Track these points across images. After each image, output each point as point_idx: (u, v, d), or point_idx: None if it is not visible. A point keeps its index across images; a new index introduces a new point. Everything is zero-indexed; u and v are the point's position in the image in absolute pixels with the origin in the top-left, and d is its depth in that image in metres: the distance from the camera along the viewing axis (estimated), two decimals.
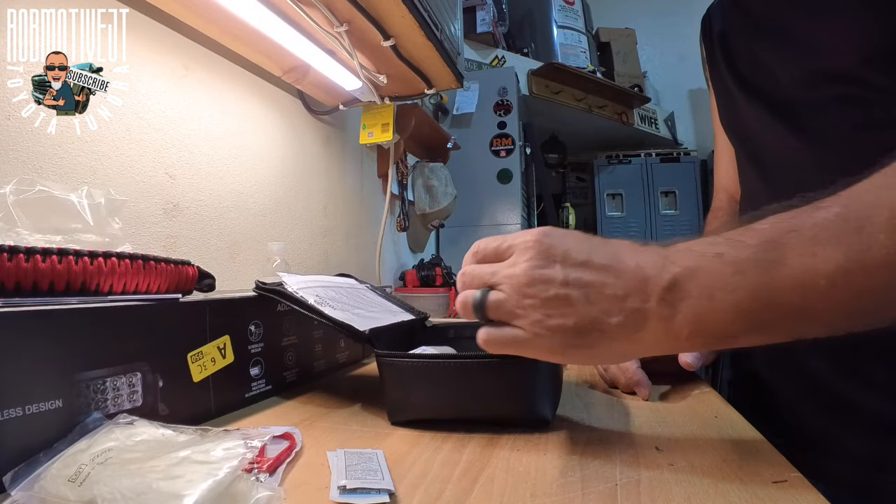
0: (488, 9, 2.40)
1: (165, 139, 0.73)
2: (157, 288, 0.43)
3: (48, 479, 0.27)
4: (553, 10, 2.84)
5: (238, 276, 0.86)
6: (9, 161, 0.53)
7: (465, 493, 0.30)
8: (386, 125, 1.13)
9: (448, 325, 0.65)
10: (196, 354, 0.43)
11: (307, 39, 0.82)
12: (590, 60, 2.83)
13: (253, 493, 0.26)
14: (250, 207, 0.91)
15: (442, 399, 0.41)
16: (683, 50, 3.46)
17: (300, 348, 0.59)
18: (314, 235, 1.13)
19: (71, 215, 0.43)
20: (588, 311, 0.30)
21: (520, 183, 2.09)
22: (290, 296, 0.49)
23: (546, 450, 0.36)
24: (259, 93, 0.95)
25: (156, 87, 0.72)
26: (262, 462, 0.32)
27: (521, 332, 0.32)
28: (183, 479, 0.26)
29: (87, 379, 0.34)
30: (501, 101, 2.13)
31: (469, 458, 0.35)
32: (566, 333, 0.30)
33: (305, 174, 1.10)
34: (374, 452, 0.35)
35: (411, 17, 0.77)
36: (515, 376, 0.39)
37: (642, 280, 0.30)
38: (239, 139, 0.89)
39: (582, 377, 0.59)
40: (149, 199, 0.70)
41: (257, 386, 0.51)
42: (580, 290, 0.30)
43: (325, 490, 0.30)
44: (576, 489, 0.30)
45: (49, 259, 0.34)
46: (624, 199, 3.27)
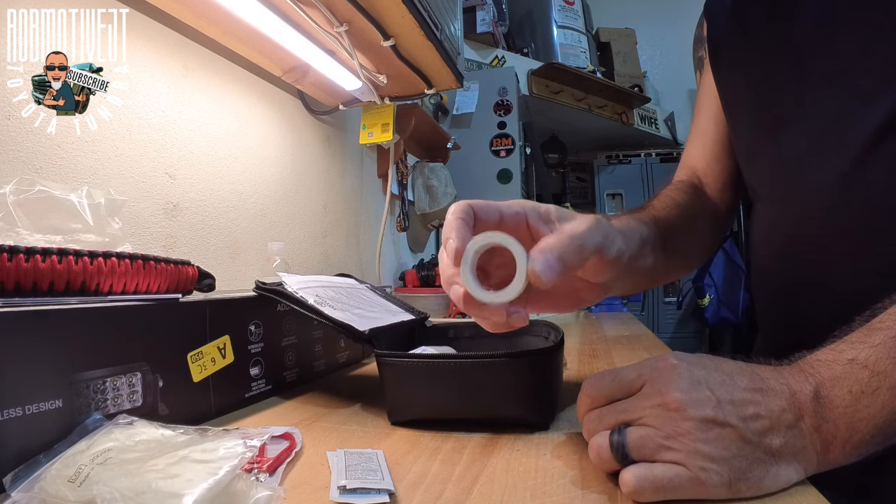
0: (488, 9, 2.40)
1: (165, 139, 0.73)
2: (157, 288, 0.43)
3: (48, 480, 0.27)
4: (553, 10, 2.84)
5: (238, 276, 0.86)
6: (9, 161, 0.53)
7: (465, 493, 0.30)
8: (386, 125, 1.13)
9: (448, 325, 0.65)
10: (196, 354, 0.43)
11: (307, 39, 0.82)
12: (590, 60, 2.83)
13: (252, 493, 0.26)
14: (250, 207, 0.91)
15: (442, 399, 0.41)
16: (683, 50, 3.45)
17: (300, 348, 0.59)
18: (314, 235, 1.13)
19: (71, 215, 0.43)
20: (747, 431, 0.27)
21: (520, 183, 2.09)
22: (290, 296, 0.49)
23: (546, 450, 0.36)
24: (259, 93, 0.95)
25: (156, 87, 0.72)
26: (261, 462, 0.32)
27: (682, 470, 0.27)
28: (182, 478, 0.26)
29: (86, 379, 0.34)
30: (501, 101, 2.12)
31: (469, 458, 0.35)
32: (732, 461, 0.27)
33: (305, 174, 1.10)
34: (374, 452, 0.35)
35: (411, 17, 0.77)
36: (515, 376, 0.39)
37: (791, 394, 0.28)
38: (239, 139, 0.89)
39: (582, 377, 0.59)
40: (149, 199, 0.70)
41: (257, 386, 0.51)
42: (734, 408, 0.28)
43: (325, 490, 0.30)
44: (576, 489, 0.30)
45: (49, 259, 0.34)
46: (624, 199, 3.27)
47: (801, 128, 0.47)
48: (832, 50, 0.44)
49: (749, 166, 0.56)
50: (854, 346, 0.30)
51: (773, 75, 0.49)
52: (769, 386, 0.29)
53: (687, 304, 2.99)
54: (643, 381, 0.30)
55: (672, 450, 0.27)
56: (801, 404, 0.28)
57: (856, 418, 0.28)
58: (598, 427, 0.31)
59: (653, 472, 0.27)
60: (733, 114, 0.58)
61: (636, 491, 0.27)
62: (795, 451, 0.28)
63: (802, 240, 0.47)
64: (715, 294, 2.68)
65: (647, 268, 0.44)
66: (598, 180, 3.35)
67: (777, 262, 0.51)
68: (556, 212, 0.36)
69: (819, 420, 0.28)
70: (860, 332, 0.30)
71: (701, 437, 0.27)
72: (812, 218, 0.45)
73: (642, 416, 0.29)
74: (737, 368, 0.30)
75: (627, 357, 0.73)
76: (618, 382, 0.31)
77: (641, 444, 0.28)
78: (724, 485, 0.26)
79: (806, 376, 0.29)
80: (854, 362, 0.29)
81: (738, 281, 2.65)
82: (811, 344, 0.32)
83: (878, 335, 0.29)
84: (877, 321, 0.30)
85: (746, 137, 0.56)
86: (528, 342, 0.59)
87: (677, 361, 0.30)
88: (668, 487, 0.27)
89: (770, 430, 0.28)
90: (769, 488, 0.27)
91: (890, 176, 0.39)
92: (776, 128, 0.50)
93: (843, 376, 0.29)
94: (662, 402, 0.28)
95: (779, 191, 0.50)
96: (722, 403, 0.28)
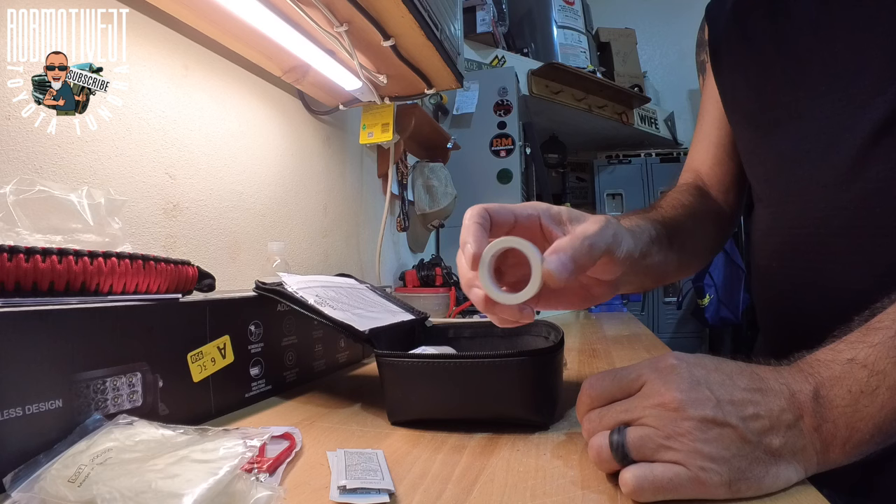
0: (488, 9, 2.40)
1: (165, 139, 0.73)
2: (157, 288, 0.43)
3: (48, 480, 0.27)
4: (553, 10, 2.84)
5: (238, 276, 0.86)
6: (9, 161, 0.53)
7: (465, 493, 0.30)
8: (386, 125, 1.13)
9: (448, 325, 0.65)
10: (196, 354, 0.43)
11: (307, 39, 0.82)
12: (590, 60, 2.83)
13: (252, 493, 0.26)
14: (250, 207, 0.91)
15: (442, 399, 0.41)
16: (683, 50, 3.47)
17: (300, 348, 0.59)
18: (314, 235, 1.13)
19: (71, 215, 0.43)
20: (746, 431, 0.27)
21: (520, 183, 2.09)
22: (290, 296, 0.49)
23: (546, 450, 0.36)
24: (259, 93, 0.95)
25: (156, 87, 0.72)
26: (261, 462, 0.32)
27: (682, 470, 0.27)
28: (182, 477, 0.26)
29: (86, 379, 0.34)
30: (501, 101, 2.13)
31: (469, 458, 0.35)
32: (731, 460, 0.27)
33: (305, 174, 1.10)
34: (374, 452, 0.35)
35: (411, 17, 0.77)
36: (515, 376, 0.39)
37: (791, 394, 0.29)
38: (239, 139, 0.89)
39: (582, 377, 0.59)
40: (149, 199, 0.70)
41: (257, 386, 0.51)
42: (734, 408, 0.28)
43: (325, 490, 0.30)
44: (576, 489, 0.30)
45: (49, 259, 0.34)
46: (624, 199, 3.27)
47: (799, 129, 0.47)
48: (830, 53, 0.44)
49: (750, 167, 0.57)
50: (853, 346, 0.30)
51: (772, 77, 0.50)
52: (769, 386, 0.29)
53: (687, 304, 2.99)
54: (643, 381, 0.30)
55: (672, 450, 0.27)
56: (800, 404, 0.28)
57: (855, 418, 0.28)
58: (597, 427, 0.31)
59: (653, 472, 0.27)
60: (734, 115, 0.58)
61: (636, 491, 0.27)
62: (795, 451, 0.28)
63: (801, 240, 0.47)
64: (715, 294, 2.68)
65: (655, 266, 0.44)
66: (598, 180, 3.35)
67: (776, 262, 0.51)
68: (568, 213, 0.37)
69: (818, 420, 0.28)
70: (859, 332, 0.31)
71: (701, 437, 0.27)
72: (810, 218, 0.46)
73: (642, 416, 0.29)
74: (736, 368, 0.30)
75: (627, 357, 0.73)
76: (617, 382, 0.31)
77: (641, 444, 0.28)
78: (723, 484, 0.26)
79: (805, 376, 0.29)
80: (853, 362, 0.29)
81: (738, 281, 2.65)
82: (811, 344, 0.32)
83: (877, 335, 0.29)
84: (875, 321, 0.30)
85: (746, 138, 0.56)
86: (528, 342, 0.59)
87: (677, 361, 0.30)
88: (667, 487, 0.27)
89: (770, 429, 0.28)
90: (769, 488, 0.27)
91: (886, 176, 0.40)
92: (774, 129, 0.50)
93: (843, 376, 0.29)
94: (662, 401, 0.28)
95: (777, 191, 0.51)
96: (721, 403, 0.28)
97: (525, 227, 0.37)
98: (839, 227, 0.43)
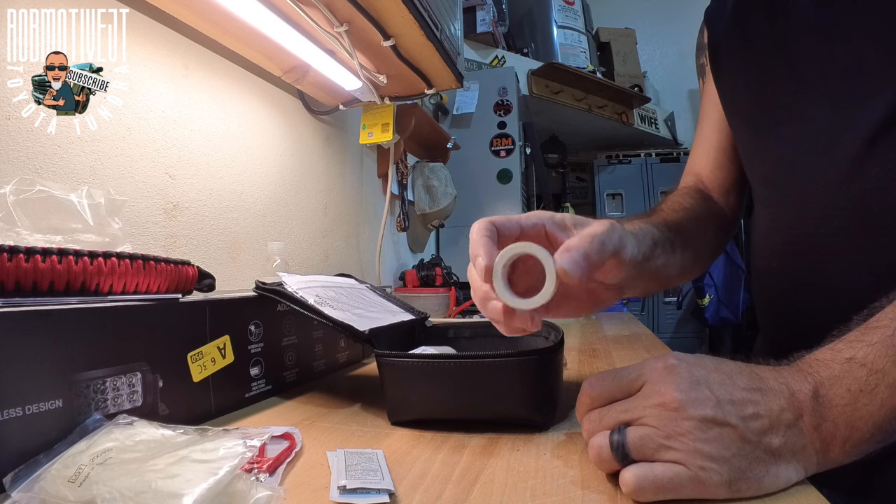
0: (488, 9, 2.40)
1: (165, 139, 0.73)
2: (157, 288, 0.43)
3: (48, 480, 0.27)
4: (553, 10, 2.85)
5: (238, 276, 0.86)
6: (9, 161, 0.53)
7: (465, 493, 0.30)
8: (386, 125, 1.13)
9: (448, 325, 0.65)
10: (196, 354, 0.43)
11: (307, 39, 0.82)
12: (590, 60, 2.84)
13: (252, 493, 0.26)
14: (250, 207, 0.91)
15: (442, 399, 0.41)
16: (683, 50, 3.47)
17: (300, 348, 0.59)
18: (314, 235, 1.13)
19: (71, 215, 0.43)
20: (746, 431, 0.27)
21: (520, 183, 2.09)
22: (290, 296, 0.49)
23: (546, 450, 0.36)
24: (259, 93, 0.95)
25: (156, 87, 0.72)
26: (261, 462, 0.32)
27: (682, 470, 0.27)
28: (182, 477, 0.26)
29: (86, 379, 0.34)
30: (501, 101, 2.13)
31: (469, 458, 0.35)
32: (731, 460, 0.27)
33: (305, 174, 1.10)
34: (374, 452, 0.35)
35: (411, 17, 0.77)
36: (515, 376, 0.39)
37: (790, 394, 0.29)
38: (239, 139, 0.89)
39: (582, 377, 0.59)
40: (149, 199, 0.70)
41: (257, 386, 0.51)
42: (734, 408, 0.28)
43: (325, 490, 0.30)
44: (576, 489, 0.30)
45: (49, 259, 0.34)
46: (624, 199, 3.27)
47: (799, 130, 0.47)
48: (829, 55, 0.44)
49: (750, 168, 0.57)
50: (852, 345, 0.30)
51: (772, 78, 0.50)
52: (768, 386, 0.29)
53: (687, 304, 2.99)
54: (643, 381, 0.30)
55: (672, 449, 0.27)
56: (800, 404, 0.28)
57: (855, 417, 0.28)
58: (598, 427, 0.31)
59: (653, 472, 0.27)
60: (734, 117, 0.59)
61: (636, 490, 0.27)
62: (795, 451, 0.28)
63: (801, 240, 0.47)
64: (715, 294, 2.68)
65: (659, 268, 0.45)
66: (597, 180, 3.35)
67: (776, 262, 0.51)
68: (572, 219, 0.38)
69: (818, 419, 0.28)
70: (858, 331, 0.31)
71: (701, 437, 0.27)
72: (810, 218, 0.46)
73: (642, 416, 0.29)
74: (736, 368, 0.30)
75: (627, 357, 0.73)
76: (618, 382, 0.31)
77: (641, 444, 0.28)
78: (723, 484, 0.27)
79: (805, 376, 0.29)
80: (852, 361, 0.29)
81: (738, 281, 2.65)
82: (811, 344, 0.32)
83: (876, 334, 0.29)
84: (874, 320, 0.30)
85: (746, 140, 0.56)
86: (528, 342, 0.59)
87: (677, 361, 0.30)
88: (668, 487, 0.27)
89: (769, 429, 0.28)
90: (769, 488, 0.27)
91: (886, 176, 0.40)
92: (774, 130, 0.50)
93: (842, 375, 0.29)
94: (662, 401, 0.28)
95: (777, 191, 0.51)
96: (721, 403, 0.28)
97: (531, 237, 0.37)
98: (839, 227, 0.43)
